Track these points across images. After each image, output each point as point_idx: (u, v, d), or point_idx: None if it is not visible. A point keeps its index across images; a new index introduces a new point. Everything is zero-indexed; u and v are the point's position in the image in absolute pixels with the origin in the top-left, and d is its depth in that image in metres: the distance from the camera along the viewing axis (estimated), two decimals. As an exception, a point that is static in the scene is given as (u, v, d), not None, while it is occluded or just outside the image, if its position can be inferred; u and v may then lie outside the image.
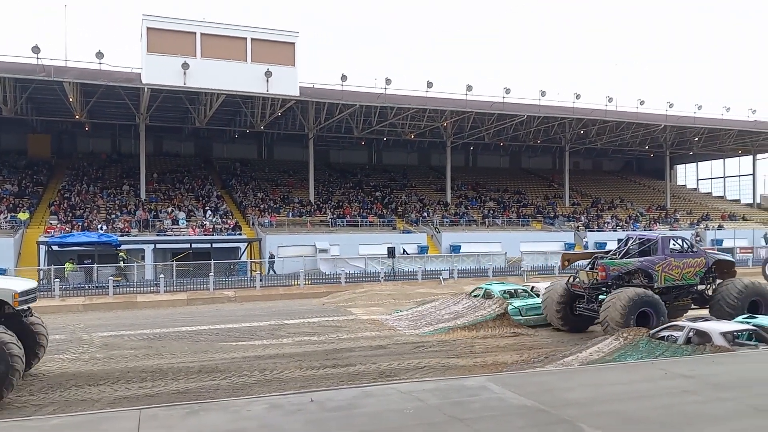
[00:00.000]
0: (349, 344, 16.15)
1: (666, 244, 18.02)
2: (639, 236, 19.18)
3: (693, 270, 17.89)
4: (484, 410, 6.78)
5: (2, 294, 11.50)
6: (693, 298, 18.43)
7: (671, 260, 17.64)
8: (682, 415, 6.62)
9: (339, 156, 55.37)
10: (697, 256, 18.25)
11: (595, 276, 17.25)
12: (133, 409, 7.59)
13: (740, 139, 54.11)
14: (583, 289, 17.68)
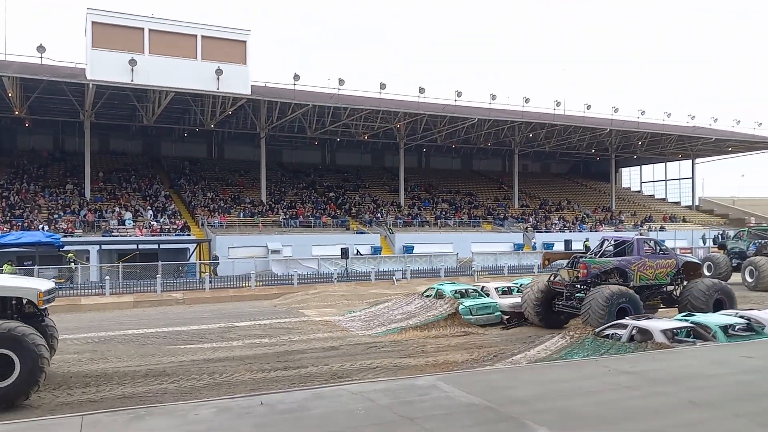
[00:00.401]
0: (301, 346, 16.04)
1: (641, 246, 18.81)
2: (615, 238, 19.96)
3: (665, 270, 18.74)
4: (434, 409, 6.86)
5: (28, 293, 11.44)
6: (662, 297, 19.15)
7: (646, 261, 18.46)
8: (623, 410, 6.86)
9: (292, 156, 54.96)
10: (669, 258, 19.22)
11: (576, 274, 17.91)
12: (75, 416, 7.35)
13: (680, 144, 56.41)
14: (564, 287, 18.36)
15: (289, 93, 36.97)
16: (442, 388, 7.64)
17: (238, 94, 35.06)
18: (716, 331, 12.73)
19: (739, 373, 8.58)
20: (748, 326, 13.35)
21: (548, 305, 18.70)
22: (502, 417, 6.55)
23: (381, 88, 38.63)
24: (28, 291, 11.41)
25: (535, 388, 7.80)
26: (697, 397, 7.29)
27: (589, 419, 6.52)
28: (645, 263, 18.38)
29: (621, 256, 18.50)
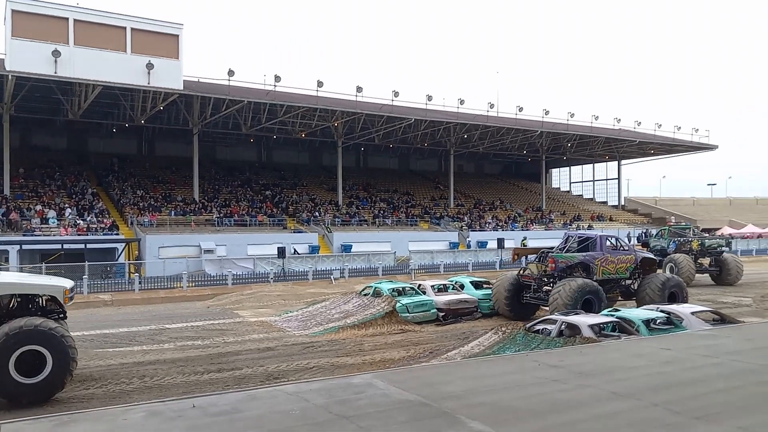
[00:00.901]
0: (236, 347, 15.77)
1: (603, 242, 20.08)
2: (578, 235, 21.25)
3: (625, 265, 20.06)
4: (370, 407, 6.91)
5: (54, 290, 11.68)
6: (621, 291, 20.31)
7: (608, 256, 19.67)
8: (551, 403, 7.12)
9: (226, 153, 53.87)
10: (629, 254, 20.51)
11: (544, 268, 19.02)
12: (-8, 426, 6.97)
13: (607, 146, 58.88)
14: (533, 280, 19.47)
15: (223, 89, 36.23)
16: (377, 386, 7.70)
17: (170, 89, 34.04)
18: (639, 325, 13.38)
19: (657, 365, 9.06)
20: (668, 320, 14.10)
21: (517, 298, 19.75)
22: (436, 412, 6.67)
23: (318, 86, 38.43)
24: (54, 288, 11.68)
25: (469, 383, 7.98)
26: (619, 389, 7.65)
27: (519, 412, 6.73)
28: (607, 258, 19.59)
29: (584, 251, 19.66)
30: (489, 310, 20.46)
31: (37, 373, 10.33)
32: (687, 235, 32.83)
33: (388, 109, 42.34)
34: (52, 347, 10.45)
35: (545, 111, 50.24)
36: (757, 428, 6.18)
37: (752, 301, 22.93)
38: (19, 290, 11.54)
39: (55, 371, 10.43)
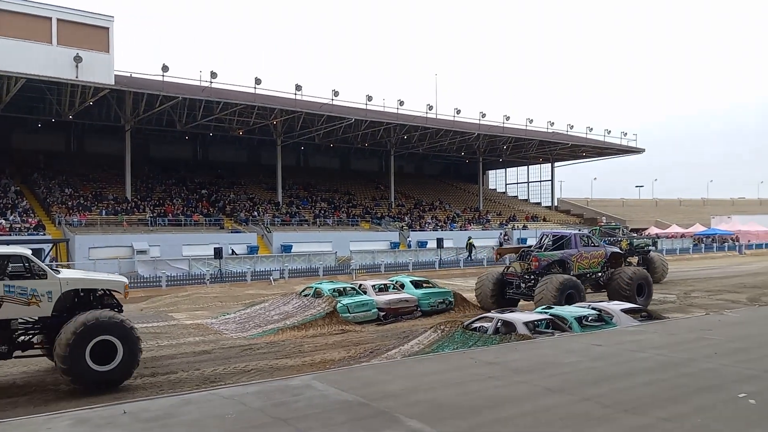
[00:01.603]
0: (171, 351, 15.34)
1: (578, 240, 21.72)
2: (553, 233, 22.62)
3: (597, 260, 21.65)
4: (308, 408, 6.84)
5: (116, 285, 12.79)
6: (591, 284, 21.51)
7: (582, 252, 21.21)
8: (487, 399, 7.26)
9: (161, 150, 52.16)
10: (599, 249, 22.14)
11: (528, 265, 20.41)
12: None
13: (541, 149, 60.67)
14: (516, 277, 20.81)
15: (157, 84, 35.13)
16: (316, 387, 7.64)
17: (100, 84, 32.71)
18: (572, 322, 13.82)
19: (588, 360, 9.39)
20: (599, 317, 14.65)
21: (501, 293, 21.12)
22: (375, 412, 6.68)
23: (256, 83, 37.83)
24: (117, 283, 12.88)
25: (408, 382, 8.04)
26: (553, 384, 7.89)
27: (456, 409, 6.83)
28: (582, 255, 21.16)
29: (559, 249, 21.09)
30: (429, 308, 20.72)
31: (109, 361, 11.26)
32: (616, 235, 34.20)
33: (328, 108, 42.16)
34: (122, 337, 11.45)
35: (482, 114, 51.30)
36: (679, 418, 6.49)
37: (676, 298, 24.14)
38: (88, 285, 12.44)
39: (125, 360, 11.44)
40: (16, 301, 11.26)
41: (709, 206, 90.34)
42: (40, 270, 11.65)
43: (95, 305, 12.18)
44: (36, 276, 11.61)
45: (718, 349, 10.15)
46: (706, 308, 20.18)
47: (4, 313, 11.15)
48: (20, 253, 11.71)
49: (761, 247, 57.76)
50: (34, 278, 11.56)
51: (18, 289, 11.30)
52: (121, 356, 11.39)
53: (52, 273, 11.88)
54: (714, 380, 8.10)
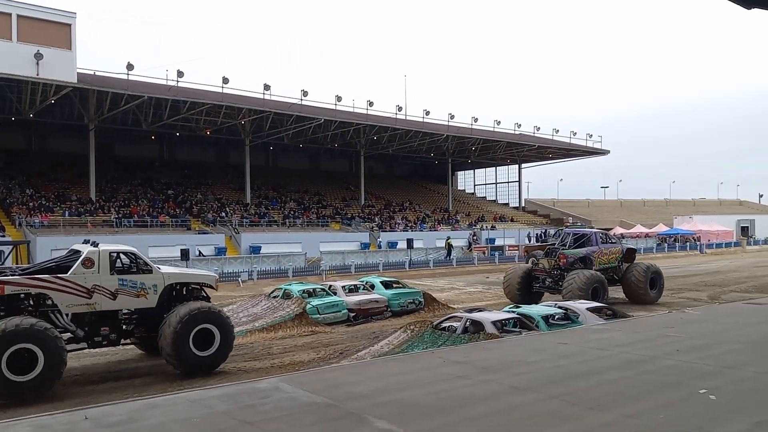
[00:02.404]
0: (137, 354, 15.06)
1: (598, 237, 23.24)
2: (574, 232, 24.23)
3: (615, 256, 23.13)
4: (275, 411, 6.77)
5: (210, 279, 14.09)
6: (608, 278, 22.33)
7: (603, 249, 22.72)
8: (455, 398, 7.29)
9: (126, 150, 51.12)
10: (617, 246, 23.78)
11: (556, 261, 21.97)
12: None
13: (509, 150, 61.34)
14: (544, 272, 22.39)
15: (121, 83, 34.44)
16: (284, 390, 7.57)
17: (62, 82, 31.92)
18: (539, 321, 14.00)
19: (555, 359, 9.51)
20: (566, 315, 14.87)
21: (528, 287, 22.62)
22: (343, 413, 6.65)
23: (224, 82, 37.42)
24: (210, 278, 14.18)
25: (376, 383, 8.02)
26: (519, 383, 7.97)
27: (425, 409, 6.84)
28: (602, 251, 22.69)
29: (580, 246, 22.59)
30: (399, 308, 20.75)
31: (208, 347, 12.58)
32: (582, 235, 34.69)
33: (297, 108, 41.92)
34: (220, 326, 12.81)
35: (450, 115, 51.64)
36: (642, 415, 6.62)
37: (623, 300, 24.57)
38: (185, 279, 13.81)
39: (222, 345, 12.80)
40: (128, 293, 12.64)
41: (672, 206, 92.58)
42: (146, 265, 13.02)
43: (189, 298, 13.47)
44: (143, 271, 12.91)
45: (680, 346, 10.39)
46: (669, 306, 20.65)
47: (119, 304, 12.54)
48: (130, 250, 13.10)
49: (721, 247, 59.42)
50: (142, 273, 12.87)
51: (129, 283, 12.65)
52: (219, 342, 12.74)
53: (157, 268, 13.21)
54: (676, 377, 8.28)
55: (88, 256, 12.42)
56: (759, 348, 10.27)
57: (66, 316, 12.05)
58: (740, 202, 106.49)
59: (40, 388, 10.93)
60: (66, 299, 11.98)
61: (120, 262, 12.87)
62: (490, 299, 24.69)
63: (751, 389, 7.61)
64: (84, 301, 12.17)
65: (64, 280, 12.04)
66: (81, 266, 12.24)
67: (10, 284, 11.59)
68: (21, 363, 10.75)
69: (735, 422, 6.31)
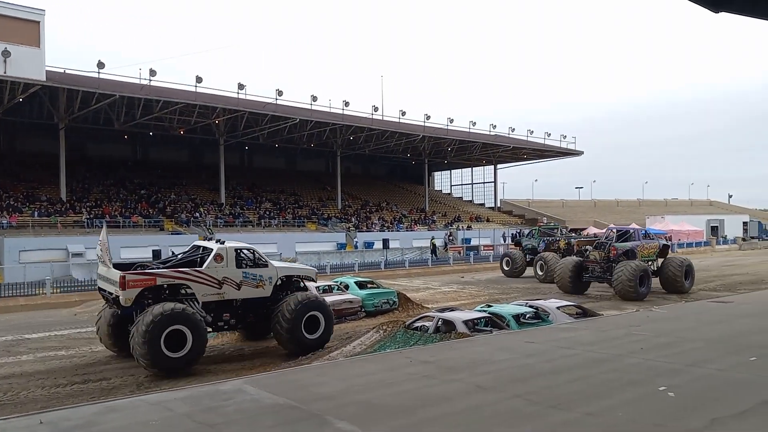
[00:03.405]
0: (105, 356, 14.86)
1: (639, 233, 26.76)
2: (617, 228, 27.79)
3: (653, 250, 26.22)
4: (237, 413, 6.71)
5: (311, 272, 16.11)
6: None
7: (644, 243, 25.83)
8: (420, 398, 7.30)
9: (98, 150, 50.33)
10: (654, 242, 26.77)
11: (606, 254, 25.01)
12: None
13: (484, 151, 61.72)
14: (596, 263, 25.36)
15: (92, 81, 33.89)
16: (247, 392, 7.51)
17: (31, 80, 31.29)
18: (509, 319, 14.11)
19: (520, 357, 9.59)
20: (536, 314, 15.01)
21: (578, 277, 25.64)
22: (305, 415, 6.62)
23: (198, 81, 37.05)
24: (311, 271, 16.24)
25: (342, 383, 8.00)
26: (484, 382, 8.00)
27: (388, 409, 6.84)
28: (644, 245, 25.71)
29: (623, 241, 25.52)
30: (373, 308, 20.74)
31: (315, 331, 14.49)
32: (555, 235, 35.12)
33: (272, 107, 41.66)
34: (324, 313, 14.83)
35: (426, 116, 51.79)
36: (603, 413, 6.70)
37: (611, 295, 24.96)
38: (292, 272, 15.67)
39: (326, 330, 14.76)
40: (250, 284, 14.45)
41: (645, 207, 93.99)
42: (263, 260, 14.89)
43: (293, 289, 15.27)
44: (260, 265, 14.76)
45: (644, 344, 10.54)
46: (638, 305, 20.96)
47: (242, 293, 14.36)
48: (251, 247, 15.02)
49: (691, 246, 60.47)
50: (260, 267, 14.72)
51: (251, 275, 14.48)
52: (323, 328, 14.67)
53: (271, 263, 15.08)
54: (639, 375, 8.39)
55: (219, 252, 14.20)
56: (721, 345, 10.47)
57: (198, 304, 13.70)
58: (710, 203, 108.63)
59: (188, 363, 12.75)
60: (202, 289, 13.86)
61: (243, 257, 14.58)
62: (464, 299, 24.85)
63: (710, 387, 7.75)
64: (216, 290, 14.04)
65: (201, 272, 13.93)
66: (213, 261, 14.07)
67: (161, 276, 13.51)
68: (174, 342, 12.48)
69: (692, 419, 6.42)
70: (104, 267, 14.32)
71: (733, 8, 7.12)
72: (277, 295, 14.72)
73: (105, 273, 14.25)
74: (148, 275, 13.48)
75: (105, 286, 14.20)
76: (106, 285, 14.11)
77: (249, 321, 14.98)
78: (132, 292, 13.02)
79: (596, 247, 25.93)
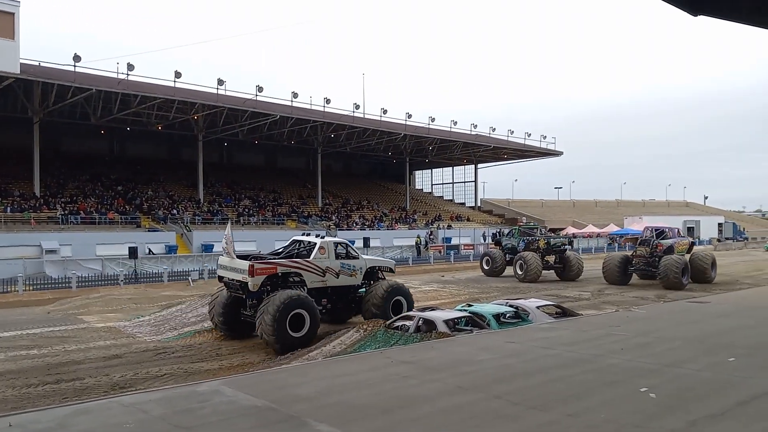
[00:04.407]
0: (78, 356, 14.53)
1: (675, 231, 30.68)
2: (654, 228, 30.92)
3: (685, 246, 30.24)
4: (213, 415, 6.55)
5: (391, 264, 18.85)
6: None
7: (679, 240, 29.96)
8: (400, 399, 7.20)
9: (74, 145, 49.35)
10: (686, 239, 31.77)
11: (653, 249, 28.49)
12: None
13: (465, 150, 61.87)
14: (643, 258, 28.68)
15: (68, 75, 33.23)
16: (224, 393, 7.35)
17: (4, 73, 30.60)
18: (490, 319, 14.09)
19: (501, 357, 9.55)
20: (516, 314, 15.02)
21: (624, 270, 28.76)
22: (284, 417, 6.49)
23: (176, 76, 36.52)
24: (390, 263, 18.95)
25: (321, 384, 7.88)
26: (465, 382, 7.94)
27: (368, 410, 6.74)
28: (679, 242, 29.72)
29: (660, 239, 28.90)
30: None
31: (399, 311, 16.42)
32: (535, 235, 35.28)
33: (252, 104, 41.25)
34: (407, 297, 17.34)
35: (408, 115, 51.75)
36: (583, 414, 6.67)
37: (591, 295, 25.15)
38: (376, 264, 18.27)
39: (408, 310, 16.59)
40: (345, 273, 16.94)
41: (623, 207, 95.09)
42: (355, 253, 17.52)
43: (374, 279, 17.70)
44: (353, 257, 17.28)
45: (624, 344, 10.58)
46: (617, 305, 21.12)
47: (340, 281, 16.80)
48: (343, 241, 17.80)
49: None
50: (353, 258, 17.23)
51: (347, 266, 16.99)
52: (406, 308, 16.85)
53: (361, 255, 17.81)
54: (618, 375, 8.40)
55: (322, 245, 16.61)
56: (699, 345, 10.55)
57: (305, 290, 15.63)
58: (687, 204, 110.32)
59: (306, 342, 14.43)
60: (311, 277, 16.14)
61: (339, 250, 16.97)
62: (445, 298, 24.81)
63: (688, 387, 7.77)
64: (320, 278, 16.36)
65: (310, 262, 16.23)
66: (318, 253, 16.42)
67: (281, 265, 15.73)
68: (296, 323, 14.49)
69: (672, 420, 6.42)
70: (228, 258, 16.05)
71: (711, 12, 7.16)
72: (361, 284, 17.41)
73: (229, 263, 15.99)
74: (272, 264, 15.61)
75: (227, 274, 16.02)
76: (228, 273, 15.94)
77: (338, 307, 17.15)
78: (258, 278, 15.09)
79: (641, 243, 29.58)
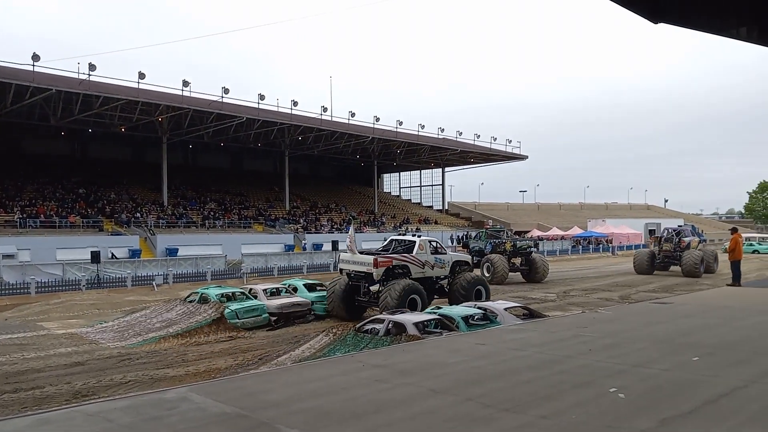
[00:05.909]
0: (38, 364, 14.10)
1: (689, 230, 36.34)
2: (673, 228, 36.73)
3: (697, 243, 34.71)
4: (182, 423, 6.37)
5: (468, 259, 22.66)
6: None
7: (694, 238, 35.03)
8: (372, 403, 7.13)
9: (34, 147, 48.08)
10: (697, 237, 35.88)
11: (677, 245, 34.21)
12: None
13: (433, 154, 62.23)
14: (668, 252, 34.44)
15: (26, 75, 32.31)
16: (193, 400, 7.16)
17: (-41, 71, 29.58)
18: (459, 321, 14.13)
19: (472, 359, 9.55)
20: (485, 316, 15.11)
21: (651, 263, 34.68)
22: (254, 423, 6.35)
23: (140, 77, 35.86)
24: (467, 257, 22.94)
25: (292, 390, 7.76)
26: (437, 385, 7.91)
27: (339, 416, 6.65)
28: (694, 239, 34.74)
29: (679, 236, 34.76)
30: (324, 312, 20.52)
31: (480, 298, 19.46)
32: (501, 237, 35.67)
33: (218, 105, 40.76)
34: (485, 287, 21.20)
35: (376, 118, 51.83)
36: (556, 415, 6.70)
37: (556, 297, 25.48)
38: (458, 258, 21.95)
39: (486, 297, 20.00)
40: (437, 266, 20.60)
41: (586, 210, 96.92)
42: (444, 249, 21.37)
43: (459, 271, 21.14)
44: (441, 253, 20.96)
45: (592, 345, 10.69)
46: (583, 306, 21.44)
47: (434, 273, 20.57)
48: (435, 239, 21.71)
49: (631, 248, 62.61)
50: (441, 254, 20.92)
51: (438, 260, 20.65)
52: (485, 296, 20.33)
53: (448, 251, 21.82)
54: (588, 376, 8.47)
55: (421, 243, 20.50)
56: (665, 346, 10.73)
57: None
58: (648, 207, 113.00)
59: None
60: (414, 269, 19.88)
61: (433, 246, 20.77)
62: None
63: (656, 387, 7.88)
64: (421, 270, 20.07)
65: (414, 257, 19.98)
66: (418, 248, 20.17)
67: (396, 259, 19.61)
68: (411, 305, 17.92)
69: (642, 420, 6.49)
70: (350, 254, 20.07)
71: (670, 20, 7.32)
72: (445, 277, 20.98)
73: (351, 258, 20.02)
74: (389, 258, 19.50)
75: (349, 267, 19.96)
76: (351, 266, 19.88)
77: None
78: (380, 270, 18.96)
79: (666, 240, 35.08)
